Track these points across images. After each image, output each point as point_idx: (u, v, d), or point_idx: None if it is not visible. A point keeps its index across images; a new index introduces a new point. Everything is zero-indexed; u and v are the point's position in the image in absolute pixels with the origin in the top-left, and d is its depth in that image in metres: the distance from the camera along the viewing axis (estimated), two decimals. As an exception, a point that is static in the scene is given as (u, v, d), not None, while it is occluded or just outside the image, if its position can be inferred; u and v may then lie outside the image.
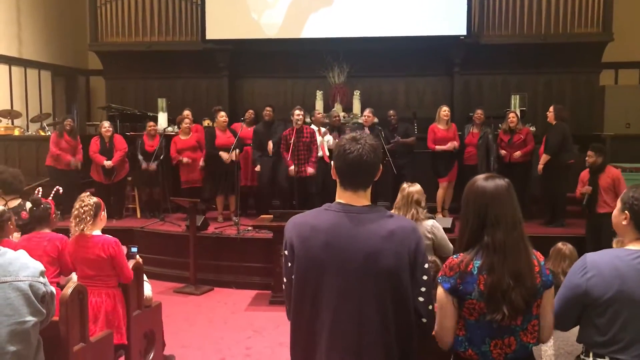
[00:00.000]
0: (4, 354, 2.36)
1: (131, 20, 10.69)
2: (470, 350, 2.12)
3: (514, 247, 2.08)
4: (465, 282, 2.08)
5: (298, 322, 2.09)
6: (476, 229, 2.13)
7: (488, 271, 2.06)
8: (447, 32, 9.76)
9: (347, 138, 2.08)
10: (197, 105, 10.02)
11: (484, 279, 2.06)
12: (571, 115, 9.29)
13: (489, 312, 2.05)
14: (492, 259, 2.07)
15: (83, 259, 3.90)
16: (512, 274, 2.05)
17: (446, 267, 2.15)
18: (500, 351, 2.10)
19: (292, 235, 2.09)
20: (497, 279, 2.05)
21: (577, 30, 9.84)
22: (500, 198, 2.12)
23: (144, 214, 8.72)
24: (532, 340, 2.13)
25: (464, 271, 2.09)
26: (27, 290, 2.43)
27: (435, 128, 8.06)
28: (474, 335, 2.11)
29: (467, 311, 2.10)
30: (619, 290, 2.22)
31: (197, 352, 5.10)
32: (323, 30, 9.97)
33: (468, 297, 2.08)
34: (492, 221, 2.10)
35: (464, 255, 2.13)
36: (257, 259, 7.03)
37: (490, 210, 2.10)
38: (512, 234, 2.09)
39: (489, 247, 2.08)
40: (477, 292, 2.07)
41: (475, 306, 2.08)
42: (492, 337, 2.10)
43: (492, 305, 2.05)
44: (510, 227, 2.10)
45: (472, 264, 2.09)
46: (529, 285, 2.07)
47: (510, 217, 2.11)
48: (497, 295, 2.04)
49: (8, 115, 10.20)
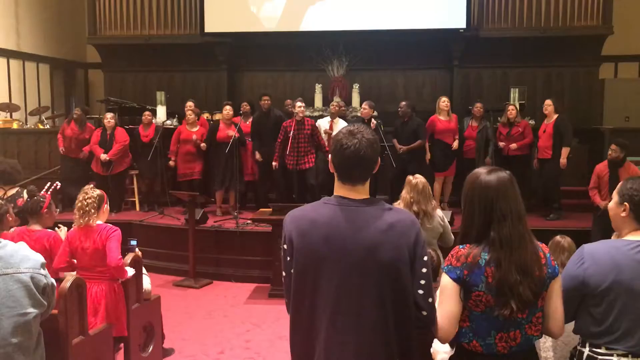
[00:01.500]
0: (7, 346, 2.37)
1: (130, 13, 10.66)
2: (475, 341, 2.11)
3: (520, 241, 2.08)
4: (473, 273, 2.07)
5: (297, 315, 2.09)
6: (483, 225, 2.11)
7: (495, 266, 2.05)
8: (447, 25, 9.73)
9: (344, 132, 2.07)
10: (196, 99, 9.99)
11: (492, 271, 2.05)
12: (570, 109, 9.32)
13: (497, 307, 2.05)
14: (498, 254, 2.06)
15: (85, 250, 3.90)
16: (518, 268, 2.05)
17: (453, 257, 2.13)
18: (505, 344, 2.09)
19: (291, 229, 2.08)
20: (504, 274, 2.04)
21: (576, 24, 9.82)
22: (505, 192, 2.10)
23: (143, 207, 8.73)
24: (536, 333, 2.13)
25: (472, 263, 2.07)
26: (28, 282, 2.43)
27: (436, 119, 8.03)
28: (480, 327, 2.10)
29: (473, 303, 2.09)
30: (615, 280, 2.23)
31: (196, 345, 5.12)
32: (322, 23, 9.95)
33: (475, 288, 2.07)
34: (499, 216, 2.08)
35: (472, 247, 2.11)
36: (256, 252, 7.04)
37: (496, 205, 2.08)
38: (518, 228, 2.08)
39: (495, 243, 2.07)
40: (484, 284, 2.06)
41: (482, 298, 2.06)
42: (497, 329, 2.09)
43: (501, 301, 2.04)
44: (515, 220, 2.09)
45: (480, 256, 2.08)
46: (536, 277, 2.06)
47: (516, 210, 2.10)
48: (505, 290, 2.03)
49: (7, 109, 10.20)
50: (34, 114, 10.47)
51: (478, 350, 2.12)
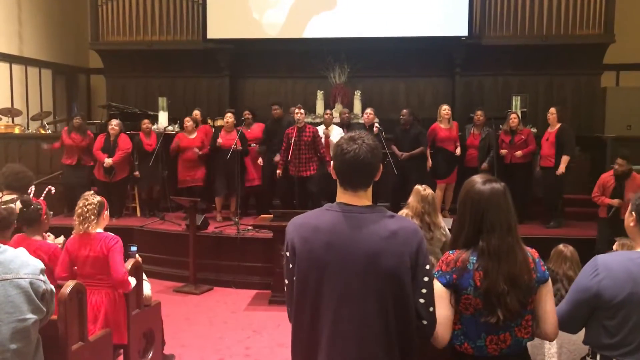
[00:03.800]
0: (5, 352, 2.36)
1: (132, 19, 10.69)
2: (466, 343, 2.15)
3: (509, 252, 2.11)
4: (462, 277, 2.11)
5: (299, 322, 2.08)
6: (472, 233, 2.15)
7: (484, 274, 2.09)
8: (449, 33, 9.75)
9: (345, 138, 2.07)
10: (197, 105, 10.00)
11: (480, 275, 2.09)
12: (572, 117, 9.31)
13: (485, 314, 2.09)
14: (486, 263, 2.09)
15: (85, 258, 3.88)
16: (506, 279, 2.08)
17: (443, 262, 2.18)
18: (495, 346, 2.13)
19: (294, 236, 2.08)
20: (492, 284, 2.07)
21: (578, 32, 9.83)
22: (497, 204, 2.14)
23: (143, 213, 8.72)
24: (526, 335, 2.16)
25: (461, 267, 2.11)
26: (27, 288, 2.42)
27: (437, 127, 8.04)
28: (470, 330, 2.14)
29: (463, 306, 2.13)
30: (632, 292, 2.20)
31: (196, 351, 5.10)
32: (324, 30, 9.96)
33: (464, 292, 2.11)
34: (488, 227, 2.12)
35: (460, 251, 2.16)
36: (257, 258, 7.03)
37: (485, 216, 2.13)
38: (507, 239, 2.12)
39: (483, 252, 2.11)
40: (473, 288, 2.10)
41: (471, 301, 2.11)
42: (487, 332, 2.13)
43: (488, 308, 2.08)
44: (505, 232, 2.12)
45: (469, 260, 2.12)
46: (524, 286, 2.10)
47: (506, 222, 2.13)
48: (493, 299, 2.07)
49: (8, 114, 10.21)
50: (36, 119, 10.47)
51: (469, 352, 2.15)
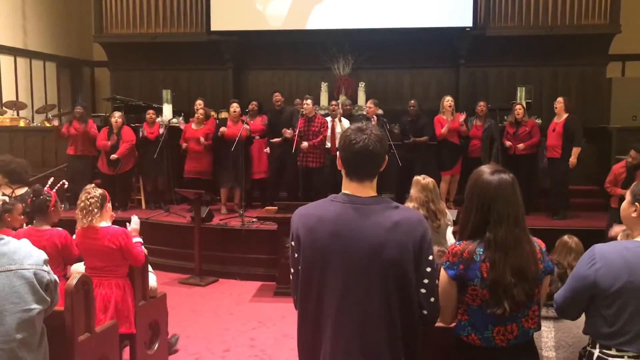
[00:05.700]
0: (11, 341, 2.38)
1: (136, 11, 10.69)
2: (473, 334, 2.15)
3: (516, 244, 2.10)
4: (469, 268, 2.11)
5: (304, 311, 2.10)
6: (478, 223, 2.14)
7: (490, 266, 2.08)
8: (453, 24, 9.72)
9: (353, 128, 2.08)
10: (201, 97, 10.01)
11: (486, 266, 2.09)
12: (577, 108, 9.27)
13: (491, 305, 2.08)
14: (493, 255, 2.08)
15: (92, 251, 3.89)
16: (514, 271, 2.07)
17: (449, 253, 2.17)
18: (502, 337, 2.13)
19: (299, 226, 2.09)
20: (498, 276, 2.07)
21: (584, 22, 9.78)
22: (504, 195, 2.12)
23: (148, 205, 8.74)
24: (533, 325, 2.17)
25: (468, 258, 2.11)
26: (31, 278, 2.44)
27: (440, 119, 8.04)
28: (477, 321, 2.14)
29: (469, 297, 2.13)
30: (628, 281, 2.21)
31: (202, 342, 5.12)
32: (328, 21, 9.94)
33: (470, 283, 2.11)
34: (495, 218, 2.10)
35: (467, 243, 2.15)
36: (261, 250, 7.04)
37: (493, 206, 2.11)
38: (514, 231, 2.10)
39: (490, 243, 2.10)
40: (479, 279, 2.09)
41: (478, 293, 2.10)
42: (494, 323, 2.12)
43: (494, 300, 2.08)
44: (512, 224, 2.10)
45: (475, 252, 2.11)
46: (531, 278, 2.09)
47: (513, 214, 2.11)
48: (499, 291, 2.07)
49: (13, 107, 10.24)
50: (41, 112, 10.50)
51: (477, 343, 2.15)
